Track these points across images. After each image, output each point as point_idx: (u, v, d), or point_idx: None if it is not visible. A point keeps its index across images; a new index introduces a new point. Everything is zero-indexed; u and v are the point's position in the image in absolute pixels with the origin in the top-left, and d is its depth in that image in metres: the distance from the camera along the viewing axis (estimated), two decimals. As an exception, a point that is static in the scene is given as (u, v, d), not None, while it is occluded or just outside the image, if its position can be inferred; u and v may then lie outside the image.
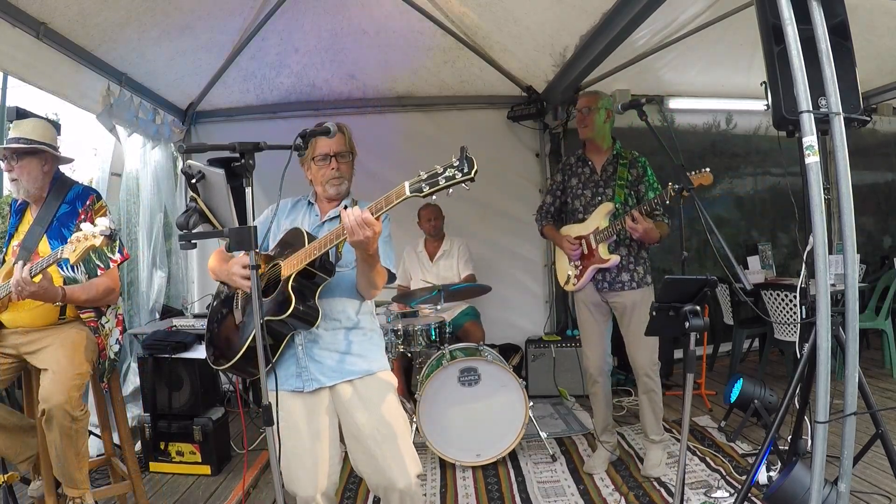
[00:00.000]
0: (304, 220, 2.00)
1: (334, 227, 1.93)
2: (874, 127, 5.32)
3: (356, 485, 2.94)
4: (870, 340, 4.80)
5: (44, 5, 2.61)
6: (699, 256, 5.03)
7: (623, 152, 2.94)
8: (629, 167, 2.89)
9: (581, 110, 2.90)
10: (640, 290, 2.84)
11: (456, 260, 4.18)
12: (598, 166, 2.94)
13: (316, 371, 1.87)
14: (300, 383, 1.87)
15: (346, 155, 1.96)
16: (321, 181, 1.96)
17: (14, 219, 2.35)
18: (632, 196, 2.89)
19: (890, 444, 1.92)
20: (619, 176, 2.89)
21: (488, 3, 3.57)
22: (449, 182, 1.50)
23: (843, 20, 1.77)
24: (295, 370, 1.88)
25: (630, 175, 2.89)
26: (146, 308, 3.96)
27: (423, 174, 1.53)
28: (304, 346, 1.88)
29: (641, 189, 2.89)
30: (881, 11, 3.36)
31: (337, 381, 1.88)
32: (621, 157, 2.93)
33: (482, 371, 3.06)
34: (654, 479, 2.78)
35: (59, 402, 1.99)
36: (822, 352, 1.66)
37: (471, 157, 1.49)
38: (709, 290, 1.92)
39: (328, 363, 1.88)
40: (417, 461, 1.90)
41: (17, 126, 2.23)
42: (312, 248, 1.72)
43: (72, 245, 1.90)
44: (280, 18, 3.65)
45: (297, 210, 2.05)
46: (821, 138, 1.70)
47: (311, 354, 1.88)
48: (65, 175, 2.37)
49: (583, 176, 2.98)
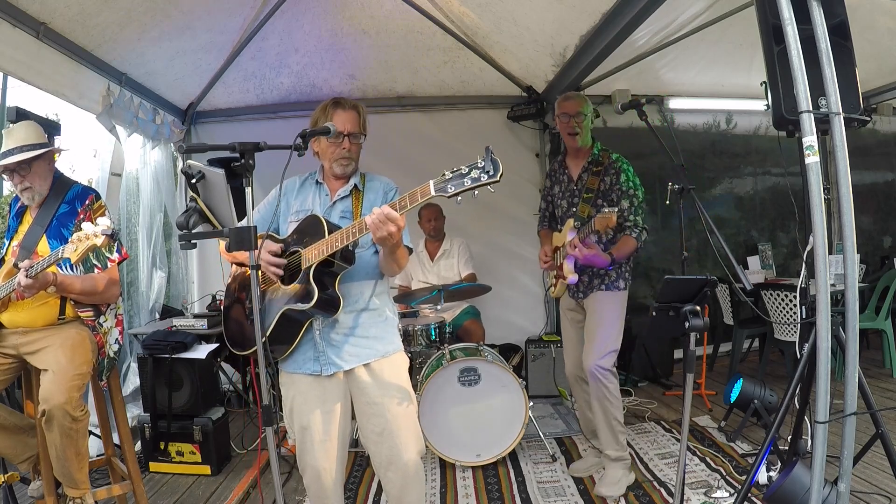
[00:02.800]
0: (314, 201, 1.98)
1: (345, 206, 1.94)
2: (874, 127, 5.32)
3: (356, 485, 2.94)
4: (870, 340, 4.80)
5: (44, 5, 2.61)
6: (699, 256, 5.03)
7: (600, 156, 2.74)
8: (602, 175, 2.70)
9: (572, 115, 2.70)
10: (608, 292, 2.70)
11: (456, 260, 4.18)
12: (574, 174, 2.81)
13: (333, 355, 1.89)
14: (318, 367, 1.89)
15: (359, 136, 1.96)
16: (329, 158, 1.95)
17: (14, 219, 2.35)
18: (602, 207, 2.61)
19: (890, 444, 1.92)
20: (588, 187, 2.72)
21: (488, 3, 3.57)
22: (475, 184, 1.49)
23: (843, 20, 1.77)
24: (312, 354, 1.90)
25: (602, 185, 2.70)
26: (146, 308, 3.97)
27: (447, 174, 1.52)
28: (321, 330, 1.88)
29: (613, 198, 2.68)
30: (881, 11, 3.36)
31: (354, 364, 1.89)
32: (596, 162, 2.74)
33: (482, 371, 3.06)
34: (653, 480, 2.78)
35: (59, 403, 1.99)
36: (822, 352, 1.66)
37: (496, 159, 1.47)
38: (709, 290, 1.92)
39: (345, 347, 1.89)
40: (422, 441, 1.97)
41: (10, 136, 2.20)
42: (334, 239, 1.71)
43: (73, 245, 1.89)
44: (280, 18, 3.65)
45: (305, 190, 2.03)
46: (821, 138, 1.70)
47: (329, 339, 1.89)
48: (64, 175, 2.36)
49: (562, 184, 2.86)
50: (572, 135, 2.71)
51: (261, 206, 2.01)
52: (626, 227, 2.66)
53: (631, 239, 2.64)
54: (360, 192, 1.97)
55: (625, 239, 2.66)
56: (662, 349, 4.59)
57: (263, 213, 2.00)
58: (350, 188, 1.97)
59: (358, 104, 1.98)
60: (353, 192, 1.97)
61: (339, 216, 1.93)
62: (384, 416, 1.88)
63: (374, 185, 2.00)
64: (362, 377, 1.90)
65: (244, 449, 3.44)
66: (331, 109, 1.93)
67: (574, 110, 2.70)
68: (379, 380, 1.90)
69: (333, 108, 1.94)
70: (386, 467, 1.92)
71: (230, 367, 4.16)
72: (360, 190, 1.97)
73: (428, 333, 3.47)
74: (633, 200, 2.66)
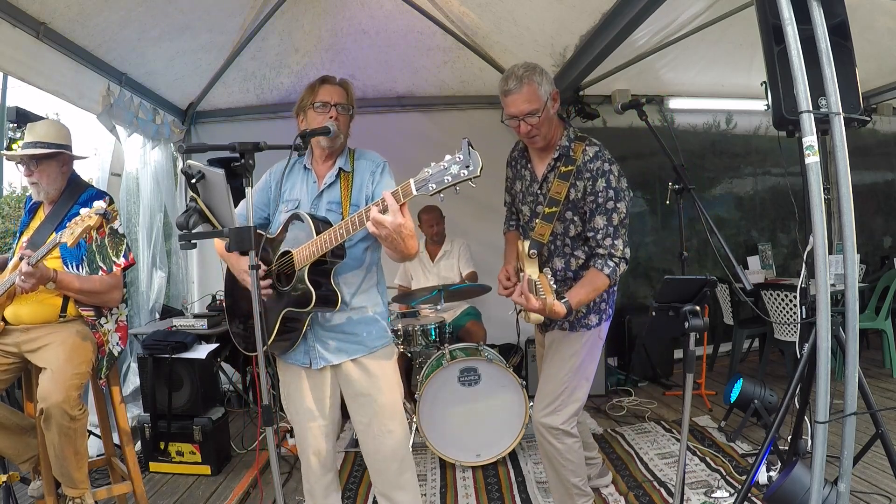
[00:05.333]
0: (301, 188, 1.97)
1: (332, 195, 1.92)
2: (874, 127, 5.32)
3: (356, 485, 2.94)
4: (870, 340, 4.80)
5: (44, 5, 2.61)
6: (699, 256, 5.03)
7: (572, 149, 2.00)
8: (573, 178, 1.98)
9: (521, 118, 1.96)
10: (571, 333, 2.14)
11: (457, 260, 4.18)
12: (538, 171, 2.12)
13: (323, 350, 1.92)
14: (307, 360, 1.93)
15: (347, 108, 1.95)
16: None
17: (26, 216, 2.40)
18: (572, 225, 2.05)
19: (890, 444, 1.92)
20: (552, 197, 2.02)
21: (488, 3, 3.57)
22: (455, 180, 1.49)
23: (843, 20, 1.77)
24: (303, 348, 1.93)
25: (573, 191, 2.00)
26: (146, 308, 3.97)
27: (427, 171, 1.53)
28: (310, 327, 1.90)
29: (585, 210, 2.00)
30: (881, 11, 3.36)
31: (342, 359, 1.92)
32: (566, 159, 2.00)
33: (482, 371, 3.06)
34: (653, 480, 2.78)
35: (58, 402, 2.00)
36: (822, 352, 1.66)
37: (475, 153, 1.48)
38: (708, 290, 1.92)
39: (334, 343, 1.92)
40: (407, 428, 2.02)
41: (31, 130, 2.26)
42: (322, 240, 1.72)
43: (69, 229, 1.95)
44: (280, 18, 3.66)
45: (294, 175, 2.02)
46: (821, 138, 1.70)
47: (318, 335, 1.91)
48: (80, 177, 2.41)
49: (524, 181, 2.18)
50: (531, 138, 2.02)
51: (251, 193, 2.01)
52: (598, 254, 1.98)
53: (601, 275, 1.95)
54: (349, 173, 1.94)
55: (591, 274, 1.97)
56: (662, 349, 4.59)
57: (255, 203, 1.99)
58: (336, 173, 1.94)
59: (346, 81, 1.99)
60: (341, 176, 1.94)
61: (327, 209, 1.91)
62: (371, 406, 1.93)
63: (362, 165, 1.97)
64: (349, 372, 1.94)
65: (244, 449, 3.44)
66: (318, 85, 1.93)
67: (522, 109, 1.94)
68: (366, 373, 1.94)
69: (321, 83, 1.94)
70: (372, 459, 1.98)
71: (230, 367, 4.16)
72: (348, 171, 1.95)
73: (428, 333, 3.47)
74: (611, 217, 1.95)
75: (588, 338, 2.14)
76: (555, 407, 2.11)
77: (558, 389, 2.12)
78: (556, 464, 2.15)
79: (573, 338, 2.12)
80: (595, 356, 2.18)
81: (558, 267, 2.14)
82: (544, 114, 1.95)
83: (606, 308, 2.17)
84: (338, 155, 1.97)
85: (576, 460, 2.14)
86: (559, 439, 2.11)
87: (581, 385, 2.14)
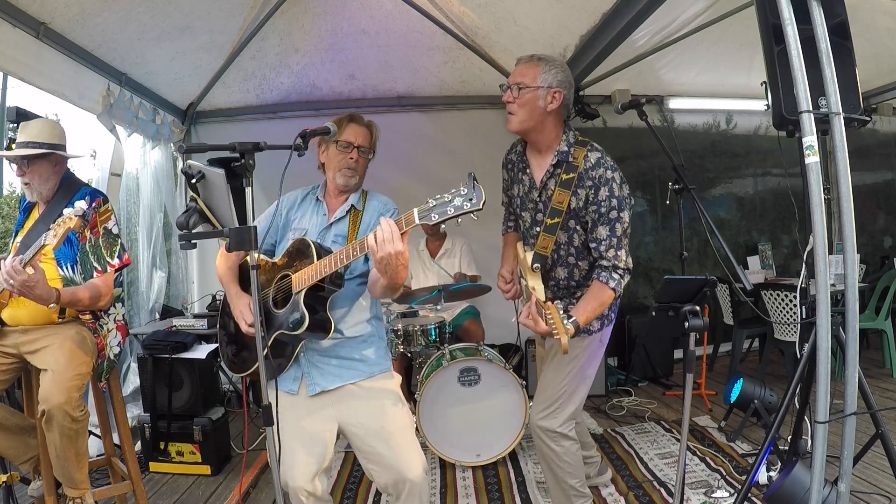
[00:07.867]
0: (311, 219, 1.98)
1: (340, 229, 1.94)
2: (874, 127, 5.32)
3: (356, 485, 2.94)
4: (870, 340, 4.80)
5: (44, 5, 2.61)
6: (699, 256, 5.03)
7: (572, 154, 1.93)
8: (574, 186, 1.93)
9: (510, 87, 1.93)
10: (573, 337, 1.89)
11: (458, 260, 4.18)
12: (536, 176, 2.06)
13: (317, 376, 1.88)
14: (295, 387, 1.88)
15: (368, 152, 1.97)
16: (335, 166, 1.94)
17: (22, 216, 2.38)
18: (576, 234, 2.00)
19: (890, 444, 1.92)
20: (554, 207, 1.95)
21: (488, 3, 3.57)
22: (458, 212, 1.49)
23: (843, 20, 1.77)
24: (293, 374, 1.89)
25: (574, 200, 1.94)
26: (146, 308, 3.97)
27: (431, 202, 1.52)
28: (304, 352, 1.88)
29: (587, 220, 1.95)
30: (881, 11, 3.36)
31: (338, 384, 1.89)
32: (567, 166, 1.94)
33: (482, 371, 3.06)
34: (653, 480, 2.78)
35: (59, 403, 1.99)
36: (822, 352, 1.66)
37: (479, 187, 1.48)
38: (708, 291, 1.92)
39: (329, 368, 1.89)
40: (422, 454, 1.91)
41: (23, 129, 2.22)
42: (323, 264, 1.71)
43: (53, 231, 1.92)
44: (280, 18, 3.66)
45: (305, 205, 2.03)
46: (821, 138, 1.70)
47: (313, 360, 1.90)
48: (74, 176, 2.37)
49: (522, 185, 2.12)
50: (509, 114, 1.97)
51: (261, 218, 2.01)
52: (602, 266, 1.93)
53: (606, 288, 1.90)
54: (359, 211, 1.96)
55: (596, 288, 1.92)
56: (662, 349, 4.59)
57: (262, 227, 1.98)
58: (347, 209, 1.96)
59: (372, 123, 2.00)
60: (351, 213, 1.96)
61: (332, 240, 1.92)
62: (379, 436, 1.85)
63: (373, 205, 1.99)
64: (348, 398, 1.88)
65: (244, 449, 3.44)
66: (346, 122, 1.94)
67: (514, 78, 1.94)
68: (368, 401, 1.88)
69: (349, 121, 1.95)
70: (393, 488, 1.88)
71: (230, 367, 4.16)
72: (359, 210, 1.97)
73: (428, 333, 3.48)
74: (614, 228, 1.90)
75: (590, 342, 2.13)
76: (552, 410, 2.11)
77: (557, 393, 2.12)
78: (553, 466, 2.15)
79: (574, 342, 2.05)
80: (596, 360, 2.18)
81: (561, 276, 2.12)
82: (530, 95, 1.91)
83: (609, 313, 2.14)
84: (351, 193, 1.99)
85: (573, 462, 2.15)
86: (557, 442, 2.12)
87: (579, 389, 2.14)
